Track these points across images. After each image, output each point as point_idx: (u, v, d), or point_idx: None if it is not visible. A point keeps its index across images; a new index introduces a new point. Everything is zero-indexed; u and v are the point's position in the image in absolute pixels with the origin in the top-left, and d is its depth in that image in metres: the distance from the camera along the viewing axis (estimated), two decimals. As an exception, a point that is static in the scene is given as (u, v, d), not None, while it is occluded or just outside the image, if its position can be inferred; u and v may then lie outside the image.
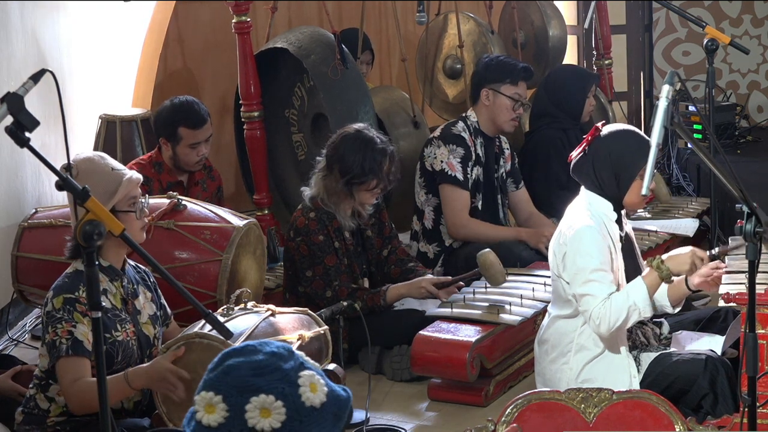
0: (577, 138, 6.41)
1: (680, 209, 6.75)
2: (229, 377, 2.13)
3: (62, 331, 3.86)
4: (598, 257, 4.26)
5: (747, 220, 3.29)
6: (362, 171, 5.17)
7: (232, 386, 2.12)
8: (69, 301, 3.87)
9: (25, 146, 3.13)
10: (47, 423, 4.00)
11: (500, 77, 6.00)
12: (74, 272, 3.96)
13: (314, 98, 6.32)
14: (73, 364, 3.86)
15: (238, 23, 6.05)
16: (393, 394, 5.11)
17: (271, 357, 2.15)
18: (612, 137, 4.40)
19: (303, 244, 5.23)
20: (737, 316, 4.55)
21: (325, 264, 5.22)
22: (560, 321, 4.44)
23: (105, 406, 3.14)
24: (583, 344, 4.38)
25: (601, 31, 7.60)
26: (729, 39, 6.10)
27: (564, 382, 4.36)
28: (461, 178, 5.89)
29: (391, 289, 5.28)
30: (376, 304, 5.22)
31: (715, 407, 4.30)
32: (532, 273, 5.53)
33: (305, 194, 5.32)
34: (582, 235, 4.28)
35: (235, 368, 2.14)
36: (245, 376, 2.12)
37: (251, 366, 2.13)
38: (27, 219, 5.08)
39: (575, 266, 4.27)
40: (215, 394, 2.13)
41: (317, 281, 5.22)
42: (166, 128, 5.67)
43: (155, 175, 5.66)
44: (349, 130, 5.31)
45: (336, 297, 5.16)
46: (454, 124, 6.05)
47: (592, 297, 4.24)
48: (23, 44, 5.95)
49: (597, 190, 4.40)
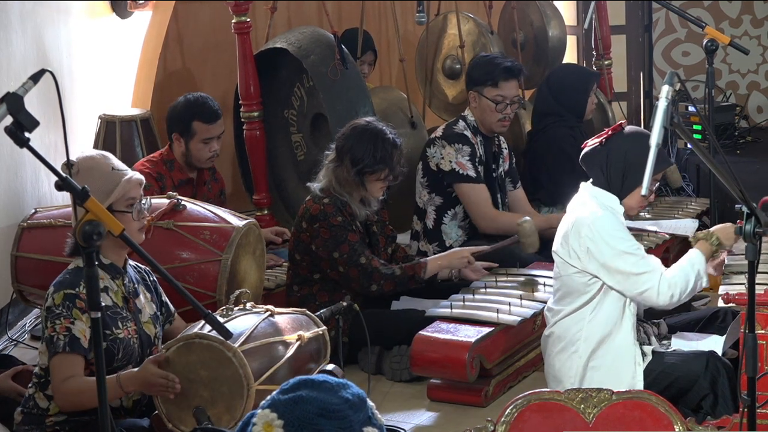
0: (583, 136, 6.41)
1: (680, 209, 6.75)
2: (297, 408, 2.15)
3: (60, 327, 3.87)
4: (628, 236, 4.34)
5: (747, 221, 3.29)
6: (374, 160, 5.23)
7: (297, 417, 2.14)
8: (69, 297, 3.88)
9: (25, 146, 3.13)
10: (46, 423, 4.00)
11: (481, 80, 6.01)
12: (75, 269, 3.97)
13: (314, 98, 6.33)
14: (67, 362, 3.86)
15: (238, 23, 6.06)
16: (393, 395, 5.11)
17: (344, 403, 2.16)
18: (633, 138, 4.41)
19: (322, 228, 5.26)
20: (737, 316, 4.55)
21: (350, 241, 5.26)
22: (568, 315, 4.45)
23: (104, 407, 3.14)
24: (591, 332, 4.40)
25: (601, 32, 7.61)
26: (729, 39, 6.10)
27: (573, 371, 4.40)
28: (474, 175, 5.93)
29: (430, 260, 5.40)
30: (417, 275, 5.30)
31: (715, 407, 4.31)
32: (532, 273, 5.53)
33: (314, 186, 5.35)
34: (603, 222, 4.32)
35: (305, 401, 2.15)
36: (312, 414, 2.14)
37: (322, 406, 2.15)
38: (27, 219, 5.08)
39: (611, 252, 4.29)
40: (278, 417, 2.15)
41: (346, 257, 5.24)
42: (180, 123, 5.72)
43: (167, 172, 5.70)
44: (360, 122, 5.38)
45: (370, 264, 5.23)
46: (455, 124, 6.06)
47: (650, 273, 4.29)
48: (23, 44, 5.95)
49: (602, 183, 4.41)
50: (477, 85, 6.02)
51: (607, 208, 4.37)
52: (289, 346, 4.05)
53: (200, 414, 3.80)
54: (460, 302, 5.20)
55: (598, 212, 4.34)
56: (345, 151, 5.28)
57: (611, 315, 4.38)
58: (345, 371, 4.54)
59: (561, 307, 4.49)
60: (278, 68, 6.39)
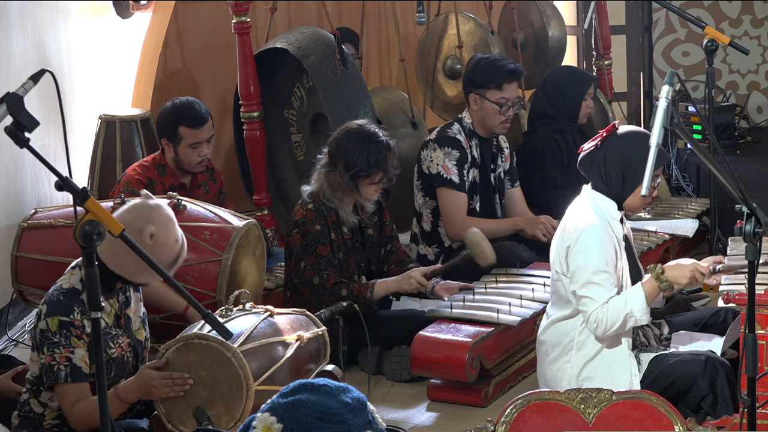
0: (574, 139, 6.41)
1: (680, 210, 6.74)
2: (296, 412, 2.15)
3: (60, 356, 3.85)
4: (602, 257, 4.26)
5: (747, 221, 3.29)
6: (368, 164, 5.19)
7: (295, 421, 2.15)
8: (64, 325, 3.85)
9: (25, 146, 3.13)
10: (44, 426, 4.01)
11: (485, 82, 5.94)
12: (69, 290, 3.90)
13: (313, 98, 6.33)
14: (72, 389, 3.87)
15: (238, 23, 6.06)
16: (393, 395, 5.11)
17: (343, 407, 2.17)
18: (628, 137, 4.39)
19: (298, 234, 5.24)
20: (737, 316, 4.55)
21: (317, 253, 5.21)
22: (560, 322, 4.44)
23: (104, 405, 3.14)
24: (584, 342, 4.38)
25: (601, 32, 7.60)
26: (729, 39, 6.09)
27: (565, 381, 4.37)
28: (457, 181, 5.87)
29: (378, 282, 5.27)
30: (362, 295, 5.18)
31: (715, 408, 4.31)
32: (532, 273, 5.53)
33: (304, 190, 5.33)
34: (588, 234, 4.28)
35: (304, 405, 2.16)
36: (310, 417, 2.14)
37: (320, 410, 2.15)
38: (27, 219, 5.08)
39: (577, 265, 4.27)
40: (277, 421, 2.16)
41: (307, 270, 5.21)
42: (167, 128, 5.67)
43: (158, 177, 5.65)
44: (352, 126, 5.32)
45: (323, 285, 5.16)
46: (450, 126, 6.02)
47: (591, 300, 4.25)
48: (23, 44, 5.95)
49: (601, 186, 4.40)
50: (479, 87, 5.95)
51: (603, 218, 4.35)
52: (288, 347, 4.05)
53: (200, 414, 3.80)
54: (460, 302, 5.20)
55: (592, 221, 4.31)
56: (338, 155, 5.23)
57: None
58: (345, 371, 4.54)
59: (554, 311, 4.49)
60: (278, 68, 6.39)
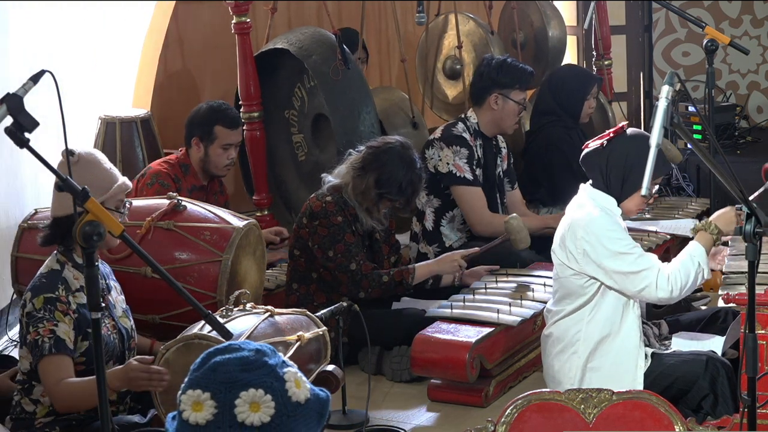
0: (578, 138, 6.40)
1: (680, 210, 6.74)
2: (217, 374, 2.14)
3: (44, 330, 3.88)
4: (624, 235, 4.33)
5: (747, 221, 3.29)
6: (399, 190, 5.26)
7: (221, 382, 2.13)
8: (49, 301, 3.91)
9: (25, 147, 3.14)
10: (36, 426, 4.02)
11: (510, 83, 6.00)
12: (50, 272, 3.99)
13: (314, 99, 6.33)
14: (56, 364, 3.88)
15: (238, 24, 6.06)
16: (393, 395, 5.11)
17: (257, 353, 2.17)
18: (634, 140, 4.39)
19: (321, 226, 5.26)
20: (737, 316, 4.55)
21: (346, 240, 5.26)
22: (569, 316, 4.44)
23: (104, 405, 3.14)
24: (590, 333, 4.39)
25: (601, 32, 7.60)
26: (729, 39, 6.09)
27: (573, 372, 4.39)
28: (471, 178, 5.93)
29: (419, 266, 5.40)
30: (405, 280, 5.29)
31: (715, 408, 4.31)
32: (532, 273, 5.53)
33: (327, 179, 5.34)
34: (599, 223, 4.32)
35: (222, 365, 2.14)
36: (233, 372, 2.13)
37: (239, 362, 2.14)
38: (27, 219, 5.08)
39: (607, 253, 4.28)
40: (203, 392, 2.13)
41: (339, 258, 5.25)
42: (202, 127, 5.75)
43: (182, 175, 5.72)
44: (396, 144, 5.33)
45: (360, 271, 5.22)
46: (454, 125, 6.04)
47: (647, 270, 4.28)
48: (23, 44, 5.95)
49: (601, 185, 4.41)
50: (504, 87, 6.00)
51: (603, 209, 4.37)
52: (289, 347, 4.05)
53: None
54: (461, 302, 5.20)
55: (593, 213, 4.34)
56: (373, 168, 5.25)
57: (610, 316, 4.38)
58: (345, 371, 4.54)
59: (560, 308, 4.49)
60: (278, 69, 6.39)
